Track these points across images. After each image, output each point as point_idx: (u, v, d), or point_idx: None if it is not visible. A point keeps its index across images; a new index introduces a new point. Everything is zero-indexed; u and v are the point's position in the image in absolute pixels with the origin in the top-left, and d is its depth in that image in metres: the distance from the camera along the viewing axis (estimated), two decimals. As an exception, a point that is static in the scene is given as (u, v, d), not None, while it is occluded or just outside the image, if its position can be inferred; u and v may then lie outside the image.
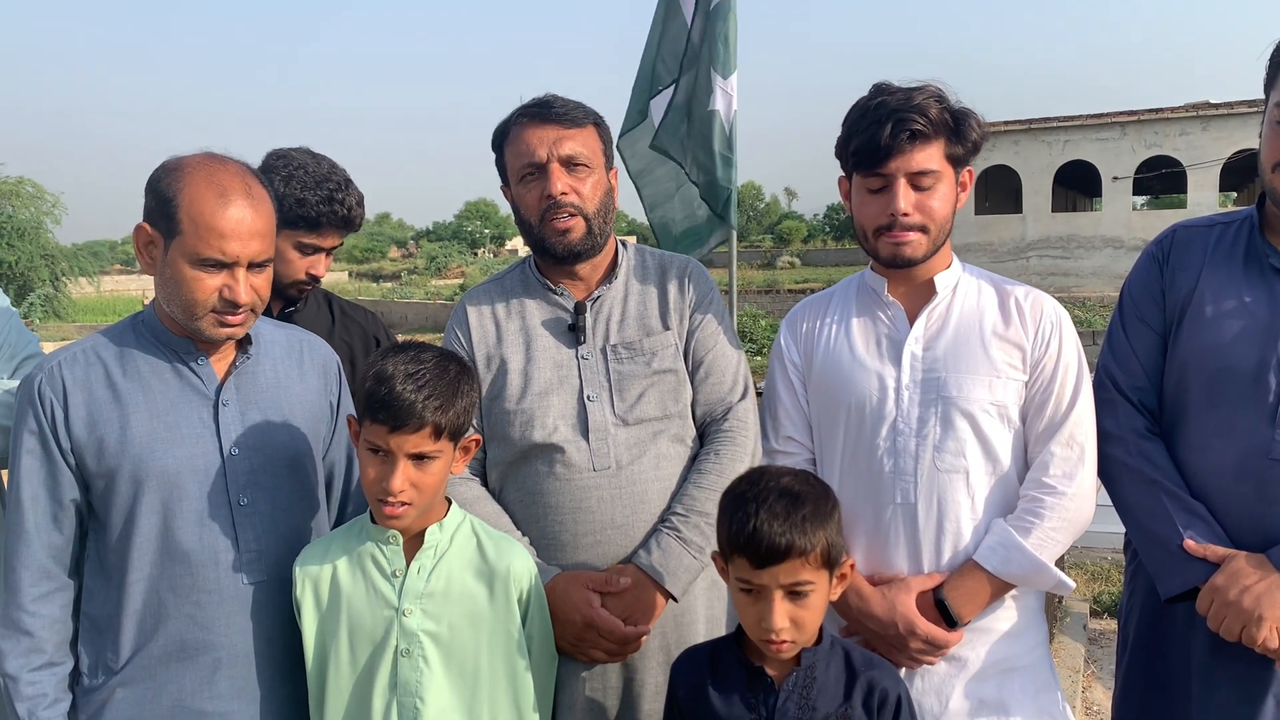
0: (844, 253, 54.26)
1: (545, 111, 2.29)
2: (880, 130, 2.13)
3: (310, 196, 2.64)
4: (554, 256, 2.34)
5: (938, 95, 2.18)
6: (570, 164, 2.29)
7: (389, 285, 48.35)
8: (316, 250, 2.73)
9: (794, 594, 1.81)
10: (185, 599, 1.94)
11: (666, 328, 2.37)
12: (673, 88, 5.15)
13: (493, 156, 2.42)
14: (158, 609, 1.94)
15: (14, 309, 2.40)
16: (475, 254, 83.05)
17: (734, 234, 5.34)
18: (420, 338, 2.36)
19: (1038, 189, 31.10)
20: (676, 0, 5.16)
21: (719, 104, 4.82)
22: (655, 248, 2.63)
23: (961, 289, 2.29)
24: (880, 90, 2.21)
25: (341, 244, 2.80)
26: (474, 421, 2.25)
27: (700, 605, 2.33)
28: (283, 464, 2.06)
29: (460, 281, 43.98)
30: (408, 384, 1.85)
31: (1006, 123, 30.29)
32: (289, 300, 2.80)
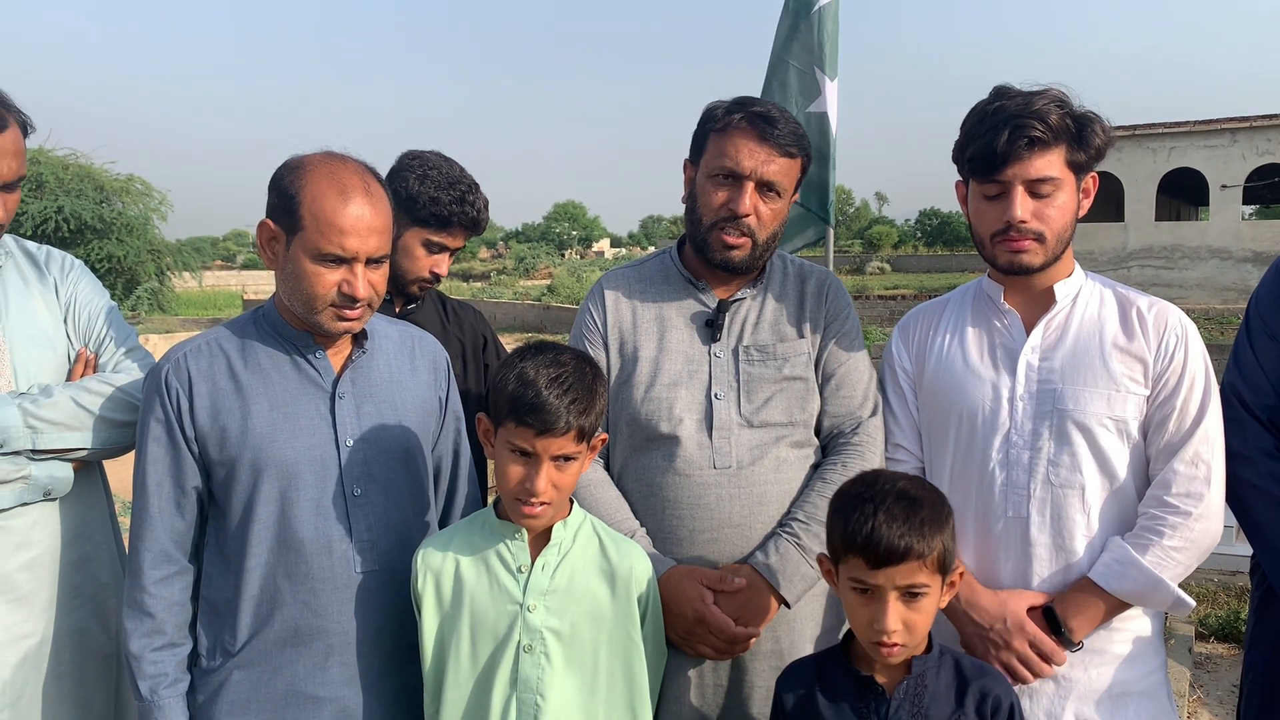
0: (935, 259, 53.03)
1: (767, 130, 2.25)
2: (997, 136, 2.07)
3: (444, 196, 2.71)
4: (710, 263, 2.33)
5: (1059, 100, 2.10)
6: (766, 188, 2.28)
7: (478, 285, 48.92)
8: (443, 249, 2.80)
9: (908, 596, 1.80)
10: (300, 586, 1.98)
11: (801, 336, 2.36)
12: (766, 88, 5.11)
13: (582, 149, 2.44)
14: (273, 595, 1.99)
15: (114, 303, 2.46)
16: (563, 255, 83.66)
17: (831, 235, 5.28)
18: (508, 337, 2.37)
19: (1141, 196, 30.11)
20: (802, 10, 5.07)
21: (828, 106, 4.79)
22: None
23: (1083, 298, 2.22)
24: (1000, 94, 2.14)
25: (464, 246, 2.85)
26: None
27: (816, 612, 2.31)
28: (395, 456, 2.10)
29: (548, 282, 44.26)
30: (553, 388, 1.87)
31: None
32: (409, 298, 2.87)
